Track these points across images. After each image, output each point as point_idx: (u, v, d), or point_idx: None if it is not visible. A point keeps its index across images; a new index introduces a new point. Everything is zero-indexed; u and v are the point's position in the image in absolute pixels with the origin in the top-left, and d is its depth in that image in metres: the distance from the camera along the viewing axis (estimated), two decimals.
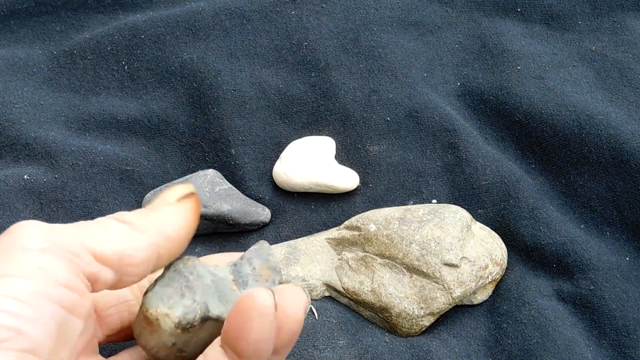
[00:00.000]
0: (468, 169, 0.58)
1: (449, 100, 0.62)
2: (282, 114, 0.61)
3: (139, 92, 0.62)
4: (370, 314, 0.53)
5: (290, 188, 0.57)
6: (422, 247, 0.52)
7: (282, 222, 0.57)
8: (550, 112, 0.59)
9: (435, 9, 0.66)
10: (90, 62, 0.63)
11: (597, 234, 0.56)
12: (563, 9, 0.66)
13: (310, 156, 0.57)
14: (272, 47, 0.63)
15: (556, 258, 0.54)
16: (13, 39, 0.65)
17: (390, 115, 0.60)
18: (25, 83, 0.62)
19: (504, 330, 0.52)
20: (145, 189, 0.58)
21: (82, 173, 0.57)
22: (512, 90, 0.61)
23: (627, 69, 0.62)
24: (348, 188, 0.57)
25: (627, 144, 0.57)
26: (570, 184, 0.58)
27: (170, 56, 0.63)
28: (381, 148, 0.59)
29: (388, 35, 0.64)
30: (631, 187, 0.56)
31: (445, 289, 0.51)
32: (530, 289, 0.53)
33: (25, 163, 0.57)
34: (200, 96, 0.61)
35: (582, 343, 0.51)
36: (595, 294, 0.53)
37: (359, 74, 0.62)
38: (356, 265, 0.53)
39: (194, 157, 0.59)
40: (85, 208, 0.56)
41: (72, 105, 0.61)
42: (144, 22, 0.64)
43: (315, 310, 0.52)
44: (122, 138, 0.60)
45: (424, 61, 0.63)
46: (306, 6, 0.65)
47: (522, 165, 0.59)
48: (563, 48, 0.64)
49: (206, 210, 0.54)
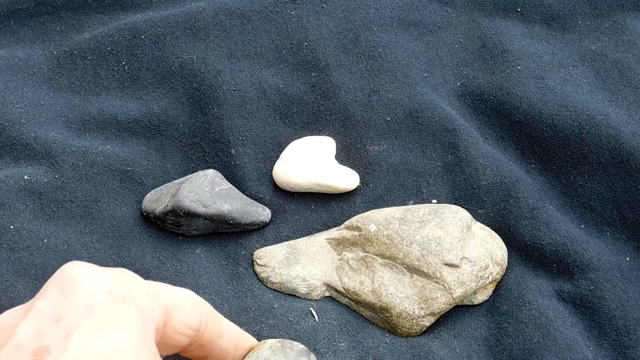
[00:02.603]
0: (468, 169, 0.58)
1: (449, 100, 0.62)
2: (282, 114, 0.61)
3: (139, 93, 0.62)
4: (370, 314, 0.53)
5: (290, 188, 0.57)
6: (423, 247, 0.52)
7: (283, 222, 0.57)
8: (550, 112, 0.59)
9: (435, 9, 0.66)
10: (90, 62, 0.63)
11: (597, 234, 0.56)
12: (563, 9, 0.66)
13: (310, 156, 0.57)
14: (272, 47, 0.63)
15: (556, 258, 0.54)
16: (13, 39, 0.65)
17: (390, 115, 0.60)
18: (25, 83, 0.62)
19: (505, 330, 0.52)
20: (145, 189, 0.58)
21: (82, 173, 0.57)
22: (512, 90, 0.61)
23: (627, 69, 0.62)
24: (348, 188, 0.57)
25: (627, 144, 0.57)
26: (570, 184, 0.58)
27: (170, 56, 0.62)
28: (381, 148, 0.59)
29: (388, 35, 0.64)
30: (631, 187, 0.56)
31: (445, 289, 0.51)
32: (531, 289, 0.53)
33: (25, 163, 0.57)
34: (200, 96, 0.61)
35: (582, 343, 0.51)
36: (595, 294, 0.53)
37: (359, 74, 0.62)
38: (356, 265, 0.53)
39: (194, 157, 0.59)
40: (85, 208, 0.56)
41: (72, 105, 0.61)
42: (144, 22, 0.64)
43: (315, 313, 0.52)
44: (122, 138, 0.60)
45: (424, 61, 0.63)
46: (306, 6, 0.65)
47: (522, 165, 0.59)
48: (563, 48, 0.64)
49: (206, 210, 0.54)
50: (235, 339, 0.44)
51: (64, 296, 0.35)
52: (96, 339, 0.34)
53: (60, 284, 0.36)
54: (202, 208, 0.54)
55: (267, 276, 0.54)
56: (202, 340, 0.41)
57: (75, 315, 0.35)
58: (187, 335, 0.40)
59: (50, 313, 0.35)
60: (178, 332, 0.40)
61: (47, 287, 0.36)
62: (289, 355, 0.44)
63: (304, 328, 0.51)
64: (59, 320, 0.34)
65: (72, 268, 0.37)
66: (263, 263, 0.54)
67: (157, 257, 0.54)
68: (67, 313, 0.35)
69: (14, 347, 0.34)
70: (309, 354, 0.45)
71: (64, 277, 0.36)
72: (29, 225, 0.54)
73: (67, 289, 0.36)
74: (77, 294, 0.35)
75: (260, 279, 0.54)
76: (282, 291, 0.54)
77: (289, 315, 0.51)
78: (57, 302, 0.35)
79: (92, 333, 0.34)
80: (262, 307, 0.52)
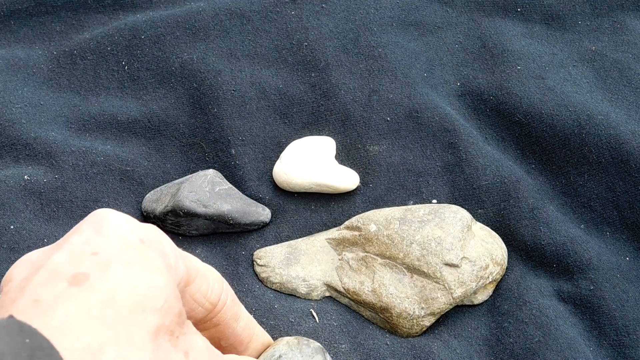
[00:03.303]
0: (468, 169, 0.58)
1: (449, 100, 0.62)
2: (282, 114, 0.61)
3: (139, 93, 0.62)
4: (370, 314, 0.53)
5: (290, 188, 0.57)
6: (423, 247, 0.52)
7: (283, 222, 0.57)
8: (550, 112, 0.59)
9: (435, 9, 0.66)
10: (90, 62, 0.63)
11: (597, 234, 0.56)
12: (563, 9, 0.66)
13: (310, 156, 0.57)
14: (272, 47, 0.63)
15: (556, 258, 0.55)
16: (13, 39, 0.65)
17: (390, 115, 0.60)
18: (25, 83, 0.62)
19: (505, 329, 0.52)
20: (145, 189, 0.58)
21: (83, 173, 0.57)
22: (512, 90, 0.61)
23: (627, 69, 0.62)
24: (348, 188, 0.57)
25: (627, 144, 0.57)
26: (570, 184, 0.58)
27: (170, 56, 0.62)
28: (381, 148, 0.59)
29: (388, 35, 0.64)
30: (631, 187, 0.56)
31: (445, 289, 0.51)
32: (531, 289, 0.53)
33: (25, 163, 0.57)
34: (200, 96, 0.61)
35: (582, 343, 0.51)
36: (595, 294, 0.53)
37: (359, 74, 0.62)
38: (357, 265, 0.53)
39: (194, 157, 0.59)
40: (85, 208, 0.56)
41: (72, 105, 0.61)
42: (144, 22, 0.64)
43: (315, 314, 0.52)
44: (122, 138, 0.60)
45: (424, 61, 0.63)
46: (306, 6, 0.65)
47: (522, 165, 0.59)
48: (563, 48, 0.64)
49: (206, 210, 0.54)
50: (252, 328, 0.44)
51: (99, 234, 0.36)
52: (133, 273, 0.34)
53: (95, 224, 0.36)
54: (202, 208, 0.54)
55: (267, 276, 0.54)
56: (218, 319, 0.42)
57: (112, 250, 0.35)
58: (204, 307, 0.40)
59: (86, 246, 0.35)
60: (196, 300, 0.40)
61: (81, 226, 0.36)
62: (304, 353, 0.44)
63: (304, 329, 0.51)
64: (96, 254, 0.35)
65: (107, 212, 0.37)
66: (263, 263, 0.54)
67: None
68: (104, 248, 0.35)
69: (49, 273, 0.34)
70: (325, 352, 0.45)
71: (99, 218, 0.36)
72: (29, 225, 0.54)
73: (102, 229, 0.36)
74: (113, 234, 0.36)
75: (261, 279, 0.54)
76: (282, 291, 0.54)
77: (290, 315, 0.51)
78: (92, 238, 0.35)
79: (129, 267, 0.34)
80: (263, 307, 0.52)
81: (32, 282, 0.33)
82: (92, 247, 0.35)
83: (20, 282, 0.34)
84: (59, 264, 0.34)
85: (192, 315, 0.41)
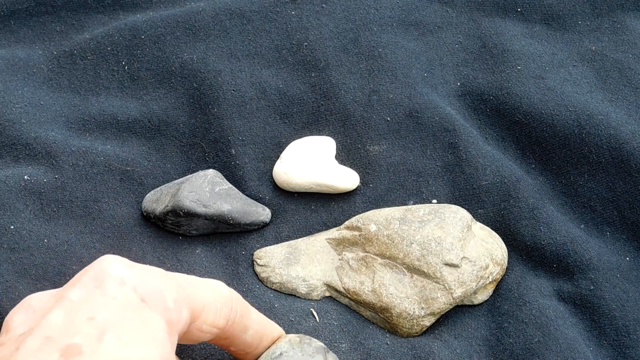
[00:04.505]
0: (468, 169, 0.58)
1: (449, 100, 0.62)
2: (282, 114, 0.61)
3: (139, 93, 0.62)
4: (370, 314, 0.53)
5: (290, 188, 0.57)
6: (423, 247, 0.52)
7: (283, 222, 0.57)
8: (550, 112, 0.59)
9: (435, 9, 0.66)
10: (90, 62, 0.63)
11: (597, 234, 0.56)
12: (563, 9, 0.66)
13: (310, 156, 0.57)
14: (272, 47, 0.63)
15: (556, 258, 0.55)
16: (13, 39, 0.65)
17: (390, 115, 0.60)
18: (25, 83, 0.62)
19: (505, 329, 0.52)
20: (145, 189, 0.58)
21: (83, 173, 0.57)
22: (512, 90, 0.61)
23: (627, 69, 0.62)
24: (348, 188, 0.57)
25: (627, 144, 0.57)
26: (570, 184, 0.58)
27: (170, 56, 0.62)
28: (381, 148, 0.59)
29: (388, 35, 0.64)
30: (631, 187, 0.56)
31: (446, 289, 0.51)
32: (531, 289, 0.53)
33: (25, 163, 0.57)
34: (200, 96, 0.61)
35: (582, 343, 0.51)
36: (595, 294, 0.53)
37: (359, 74, 0.62)
38: (357, 265, 0.53)
39: (194, 157, 0.59)
40: (85, 208, 0.56)
41: (72, 105, 0.61)
42: (144, 22, 0.64)
43: (316, 314, 0.52)
44: (122, 138, 0.60)
45: (424, 61, 0.63)
46: (306, 6, 0.65)
47: (522, 165, 0.59)
48: (563, 48, 0.64)
49: (206, 210, 0.54)
50: (261, 332, 0.44)
51: (100, 292, 0.35)
52: (128, 345, 0.34)
53: (97, 279, 0.36)
54: (202, 208, 0.54)
55: (267, 276, 0.54)
56: (226, 334, 0.42)
57: (109, 316, 0.34)
58: (212, 333, 0.41)
59: (83, 307, 0.34)
60: (203, 331, 0.40)
61: (83, 278, 0.36)
62: (305, 351, 0.44)
63: (304, 328, 0.51)
64: (93, 319, 0.34)
65: (111, 264, 0.36)
66: (263, 263, 0.54)
67: (157, 257, 0.54)
68: (101, 312, 0.34)
69: (43, 338, 0.33)
70: (327, 352, 0.45)
71: (103, 272, 0.36)
72: (29, 225, 0.54)
73: (103, 284, 0.35)
74: (113, 293, 0.35)
75: (261, 279, 0.54)
76: (282, 291, 0.54)
77: (290, 315, 0.51)
78: (91, 296, 0.35)
79: (123, 338, 0.34)
80: (263, 307, 0.52)
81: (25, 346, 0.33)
82: (89, 308, 0.34)
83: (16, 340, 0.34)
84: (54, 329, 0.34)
85: (198, 341, 0.41)
